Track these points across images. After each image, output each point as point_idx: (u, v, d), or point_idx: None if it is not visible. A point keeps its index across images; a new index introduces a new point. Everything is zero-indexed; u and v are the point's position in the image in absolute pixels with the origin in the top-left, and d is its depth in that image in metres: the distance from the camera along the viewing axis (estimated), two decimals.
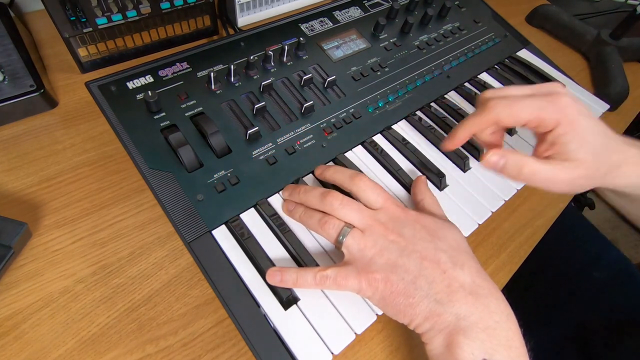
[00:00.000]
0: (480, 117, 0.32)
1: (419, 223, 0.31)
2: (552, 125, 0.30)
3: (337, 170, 0.34)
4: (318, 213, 0.32)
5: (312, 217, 0.32)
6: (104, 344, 0.30)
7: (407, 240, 0.29)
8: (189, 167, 0.34)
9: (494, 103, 0.31)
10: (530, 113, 0.30)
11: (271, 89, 0.41)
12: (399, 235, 0.29)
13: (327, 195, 0.31)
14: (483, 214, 0.37)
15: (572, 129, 0.30)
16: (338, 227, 0.30)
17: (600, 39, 0.63)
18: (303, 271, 0.29)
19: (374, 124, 0.42)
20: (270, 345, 0.28)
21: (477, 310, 0.26)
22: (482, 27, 0.56)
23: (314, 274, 0.29)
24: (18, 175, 0.38)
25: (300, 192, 0.33)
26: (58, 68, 0.47)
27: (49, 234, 0.35)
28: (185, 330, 0.31)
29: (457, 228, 0.32)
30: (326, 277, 0.29)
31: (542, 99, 0.31)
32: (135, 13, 0.45)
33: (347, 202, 0.31)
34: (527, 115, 0.31)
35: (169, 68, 0.39)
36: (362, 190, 0.32)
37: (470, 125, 0.33)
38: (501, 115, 0.31)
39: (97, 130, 0.42)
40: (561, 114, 0.30)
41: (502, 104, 0.31)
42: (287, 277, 0.29)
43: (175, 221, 0.32)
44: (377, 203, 0.31)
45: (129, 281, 0.33)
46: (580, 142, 0.30)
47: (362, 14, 0.51)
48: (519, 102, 0.31)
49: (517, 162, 0.30)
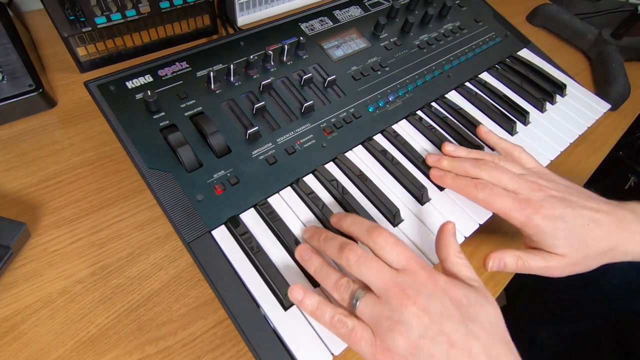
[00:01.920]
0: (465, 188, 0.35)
1: (448, 294, 0.26)
2: (518, 225, 0.33)
3: (355, 222, 0.31)
4: (335, 273, 0.29)
5: (327, 277, 0.29)
6: (103, 344, 0.30)
7: (431, 317, 0.25)
8: (188, 167, 0.34)
9: (482, 186, 0.34)
10: (500, 209, 0.33)
11: (271, 88, 0.41)
12: (423, 310, 0.25)
13: (345, 248, 0.28)
14: (484, 214, 0.37)
15: (538, 230, 0.32)
16: (351, 290, 0.27)
17: (602, 38, 0.63)
18: (324, 305, 0.27)
19: (374, 124, 0.42)
20: (270, 346, 0.28)
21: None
22: (482, 26, 0.56)
23: (333, 315, 0.27)
24: (17, 175, 0.38)
25: (321, 239, 0.31)
26: (57, 67, 0.47)
27: (47, 234, 0.35)
28: (185, 331, 0.31)
29: (492, 301, 0.27)
30: (343, 325, 0.26)
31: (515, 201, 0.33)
32: (135, 12, 0.45)
33: (365, 259, 0.27)
34: (498, 209, 0.33)
35: (169, 68, 0.39)
36: (381, 247, 0.28)
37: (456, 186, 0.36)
38: (479, 197, 0.34)
39: (96, 130, 0.42)
40: (526, 219, 0.32)
41: (486, 191, 0.34)
42: (307, 301, 0.28)
43: (174, 221, 0.32)
44: (399, 263, 0.27)
45: (128, 281, 0.33)
46: (552, 241, 0.32)
47: (362, 13, 0.51)
48: (498, 196, 0.33)
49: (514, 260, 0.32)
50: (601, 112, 0.51)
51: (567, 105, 0.50)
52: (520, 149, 0.39)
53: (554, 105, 0.50)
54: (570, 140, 0.46)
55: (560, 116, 0.49)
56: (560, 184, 0.35)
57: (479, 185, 0.34)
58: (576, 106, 0.50)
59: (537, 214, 0.32)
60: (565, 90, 0.52)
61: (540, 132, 0.46)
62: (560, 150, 0.45)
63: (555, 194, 0.33)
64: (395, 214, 0.35)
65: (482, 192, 0.34)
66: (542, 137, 0.46)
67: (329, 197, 0.36)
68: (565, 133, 0.47)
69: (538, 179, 0.34)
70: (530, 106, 0.49)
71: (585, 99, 0.52)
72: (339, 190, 0.36)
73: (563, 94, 0.52)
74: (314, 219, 0.35)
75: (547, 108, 0.49)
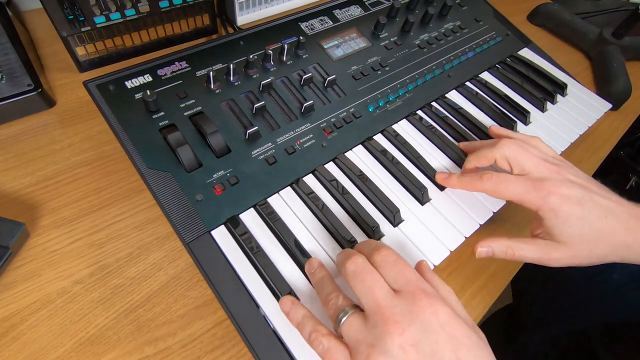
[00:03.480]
0: (471, 183, 0.34)
1: (447, 331, 0.22)
2: (534, 209, 0.32)
3: (365, 242, 0.29)
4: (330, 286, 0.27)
5: (323, 289, 0.27)
6: (102, 345, 0.30)
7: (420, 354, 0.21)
8: (188, 167, 0.34)
9: (487, 177, 0.33)
10: (512, 194, 0.32)
11: (271, 88, 0.41)
12: (412, 344, 0.21)
13: (349, 258, 0.26)
14: (484, 214, 0.37)
15: (553, 215, 0.31)
16: (338, 305, 0.25)
17: (603, 37, 0.63)
18: (307, 319, 0.26)
19: (374, 124, 0.42)
20: (270, 346, 0.28)
21: None
22: (483, 25, 0.56)
23: (311, 331, 0.25)
24: (15, 175, 0.37)
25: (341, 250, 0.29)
26: (56, 67, 0.47)
27: (46, 234, 0.34)
28: (184, 332, 0.31)
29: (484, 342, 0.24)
30: (319, 343, 0.24)
31: (529, 183, 0.32)
32: (134, 12, 0.45)
33: (362, 271, 0.25)
34: (510, 196, 0.32)
35: (168, 67, 0.39)
36: (379, 265, 0.26)
37: (462, 184, 0.36)
38: (487, 188, 0.33)
39: (95, 129, 0.42)
40: (542, 201, 0.31)
41: (493, 180, 0.33)
42: (292, 313, 0.27)
43: (174, 221, 0.32)
44: (397, 283, 0.24)
45: (128, 282, 0.33)
46: (561, 227, 0.30)
47: (362, 13, 0.51)
48: (507, 182, 0.32)
49: (503, 248, 0.32)
50: (602, 112, 0.51)
51: (568, 104, 0.50)
52: (537, 139, 0.37)
53: (554, 105, 0.50)
54: (571, 139, 0.46)
55: (561, 116, 0.49)
56: (579, 172, 0.33)
57: (485, 176, 0.33)
58: (577, 106, 0.50)
59: (554, 194, 0.30)
60: (566, 90, 0.51)
61: (541, 132, 0.46)
62: (561, 150, 0.45)
63: (574, 179, 0.32)
64: (395, 214, 0.35)
65: (489, 182, 0.33)
66: (543, 137, 0.45)
67: (329, 197, 0.36)
68: (566, 133, 0.47)
69: (558, 163, 0.33)
70: (531, 106, 0.49)
71: (586, 98, 0.52)
72: (339, 190, 0.36)
73: (564, 94, 0.51)
74: (314, 219, 0.34)
75: (548, 108, 0.49)
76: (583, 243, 0.30)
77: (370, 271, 0.25)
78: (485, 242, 0.32)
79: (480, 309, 0.36)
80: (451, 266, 0.37)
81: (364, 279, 0.25)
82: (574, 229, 0.30)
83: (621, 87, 0.57)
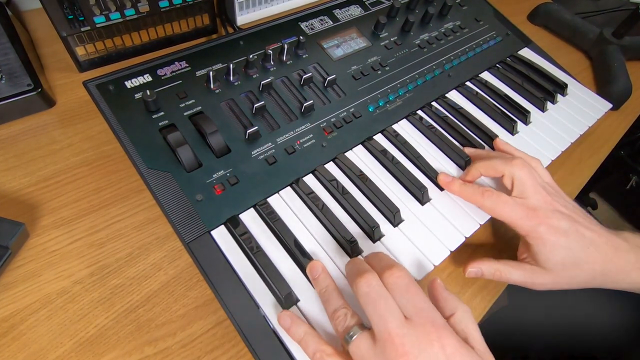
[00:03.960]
0: (472, 196, 0.35)
1: None
2: (523, 234, 0.34)
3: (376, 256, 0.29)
4: (338, 300, 0.27)
5: (329, 302, 0.27)
6: (102, 345, 0.30)
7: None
8: (187, 167, 0.34)
9: (488, 194, 0.34)
10: (507, 217, 0.34)
11: (271, 88, 0.41)
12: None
13: (363, 275, 0.26)
14: (484, 215, 0.37)
15: (540, 242, 0.32)
16: (347, 324, 0.25)
17: (603, 37, 0.63)
18: (309, 337, 0.26)
19: (374, 124, 0.42)
20: (270, 347, 0.28)
21: None
22: (483, 25, 0.56)
23: (315, 351, 0.26)
24: (15, 175, 0.37)
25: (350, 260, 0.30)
26: (55, 67, 0.47)
27: (46, 234, 0.34)
28: (184, 332, 0.31)
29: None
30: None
31: (524, 210, 0.33)
32: (134, 11, 0.45)
33: (375, 295, 0.25)
34: (505, 217, 0.34)
35: (168, 67, 0.39)
36: (391, 289, 0.26)
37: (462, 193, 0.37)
38: (485, 205, 0.35)
39: (95, 129, 0.42)
40: (532, 229, 0.33)
41: (493, 199, 0.34)
42: (294, 330, 0.27)
43: (173, 221, 0.32)
44: (407, 311, 0.25)
45: (128, 282, 0.33)
46: (547, 255, 0.32)
47: (362, 13, 0.51)
48: (505, 205, 0.34)
49: (492, 271, 0.34)
50: (602, 112, 0.51)
51: (568, 104, 0.50)
52: (538, 161, 0.38)
53: (555, 105, 0.50)
54: (572, 139, 0.46)
55: (562, 116, 0.49)
56: (568, 203, 0.35)
57: (486, 193, 0.34)
58: (577, 106, 0.50)
59: (543, 224, 0.32)
60: (567, 90, 0.51)
61: (541, 132, 0.46)
62: (562, 150, 0.45)
63: (564, 210, 0.33)
64: (395, 214, 0.35)
65: (489, 200, 0.34)
66: (543, 137, 0.46)
67: (329, 197, 0.36)
68: (566, 132, 0.47)
69: (551, 192, 0.35)
70: (531, 105, 0.49)
71: (586, 98, 0.52)
72: (339, 190, 0.36)
73: (564, 94, 0.51)
74: (313, 219, 0.34)
75: (548, 107, 0.49)
76: (566, 270, 0.33)
77: (383, 297, 0.25)
78: (476, 264, 0.34)
79: (480, 310, 0.36)
80: (449, 267, 0.37)
81: (376, 304, 0.25)
82: (558, 257, 0.32)
83: (621, 87, 0.57)
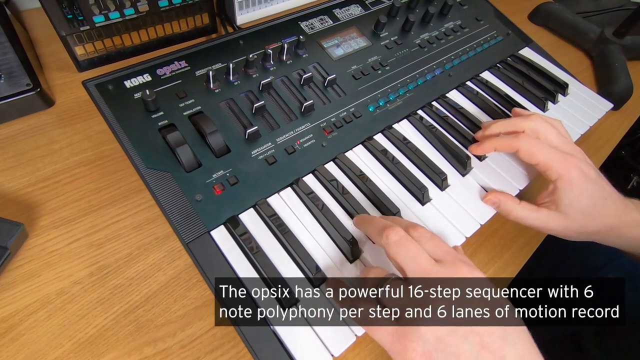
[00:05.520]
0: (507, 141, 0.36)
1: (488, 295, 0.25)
2: (555, 177, 0.34)
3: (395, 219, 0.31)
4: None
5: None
6: (101, 345, 0.30)
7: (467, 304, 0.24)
8: (187, 167, 0.34)
9: (524, 135, 0.36)
10: (543, 158, 0.34)
11: (270, 87, 0.41)
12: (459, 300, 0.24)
13: (388, 228, 0.27)
14: (485, 215, 0.37)
15: (569, 186, 0.34)
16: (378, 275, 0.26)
17: (604, 37, 0.63)
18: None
19: (374, 123, 0.42)
20: (270, 347, 0.28)
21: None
22: (484, 25, 0.56)
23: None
24: (14, 175, 0.37)
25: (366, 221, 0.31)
26: (55, 67, 0.47)
27: (45, 234, 0.34)
28: (184, 332, 0.31)
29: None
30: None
31: (559, 153, 0.34)
32: (133, 11, 0.45)
33: (406, 240, 0.26)
34: (541, 159, 0.35)
35: (167, 67, 0.39)
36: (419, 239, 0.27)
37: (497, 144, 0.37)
38: (522, 148, 0.35)
39: (94, 129, 0.42)
40: (565, 171, 0.34)
41: (528, 141, 0.35)
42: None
43: (173, 222, 0.32)
44: (435, 254, 0.26)
45: (127, 282, 0.33)
46: (572, 199, 0.34)
47: (362, 12, 0.50)
48: (541, 146, 0.35)
49: (507, 207, 0.35)
50: (603, 112, 0.50)
51: (569, 104, 0.50)
52: (559, 121, 0.39)
53: (555, 105, 0.50)
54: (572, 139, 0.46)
55: (562, 115, 0.48)
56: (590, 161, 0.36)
57: (521, 135, 0.35)
58: (578, 105, 0.50)
59: (577, 169, 0.33)
60: (567, 90, 0.51)
61: None
62: None
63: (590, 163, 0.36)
64: (396, 214, 0.35)
65: (525, 141, 0.35)
66: None
67: (329, 197, 0.36)
68: None
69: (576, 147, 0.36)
70: (532, 105, 0.49)
71: (587, 98, 0.51)
72: (339, 190, 0.36)
73: (565, 93, 0.51)
74: (314, 219, 0.34)
75: (549, 107, 0.49)
76: (582, 219, 0.34)
77: (412, 242, 0.27)
78: (496, 196, 0.35)
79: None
80: None
81: (408, 249, 0.26)
82: (581, 204, 0.34)
83: (622, 86, 0.57)
